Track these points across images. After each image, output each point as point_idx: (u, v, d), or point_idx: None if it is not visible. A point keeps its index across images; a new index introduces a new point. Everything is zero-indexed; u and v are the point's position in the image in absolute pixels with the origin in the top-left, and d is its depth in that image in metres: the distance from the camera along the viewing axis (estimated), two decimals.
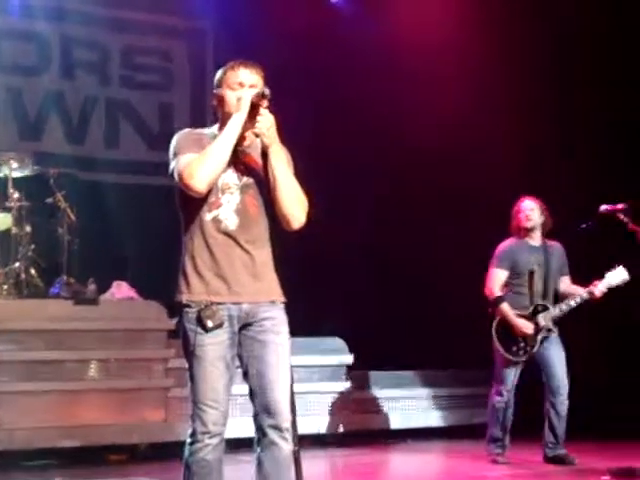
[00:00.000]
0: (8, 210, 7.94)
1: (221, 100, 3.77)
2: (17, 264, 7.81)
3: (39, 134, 9.75)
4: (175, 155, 3.72)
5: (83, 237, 8.38)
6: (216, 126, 3.83)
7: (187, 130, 3.84)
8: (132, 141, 10.17)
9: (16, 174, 8.06)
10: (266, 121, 3.65)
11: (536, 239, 6.76)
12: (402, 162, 9.59)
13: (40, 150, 9.31)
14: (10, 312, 7.04)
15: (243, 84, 3.72)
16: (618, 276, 6.52)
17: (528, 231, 6.72)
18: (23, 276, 7.78)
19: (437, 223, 9.37)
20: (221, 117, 3.79)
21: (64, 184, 8.39)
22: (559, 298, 6.74)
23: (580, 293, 6.63)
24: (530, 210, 6.70)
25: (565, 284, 6.80)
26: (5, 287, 7.59)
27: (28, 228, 8.00)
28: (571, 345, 6.74)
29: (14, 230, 7.89)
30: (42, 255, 8.18)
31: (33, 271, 7.96)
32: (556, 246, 6.83)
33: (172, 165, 3.72)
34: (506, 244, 6.79)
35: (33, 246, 8.04)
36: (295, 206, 3.72)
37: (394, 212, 9.65)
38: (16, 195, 7.94)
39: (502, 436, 6.77)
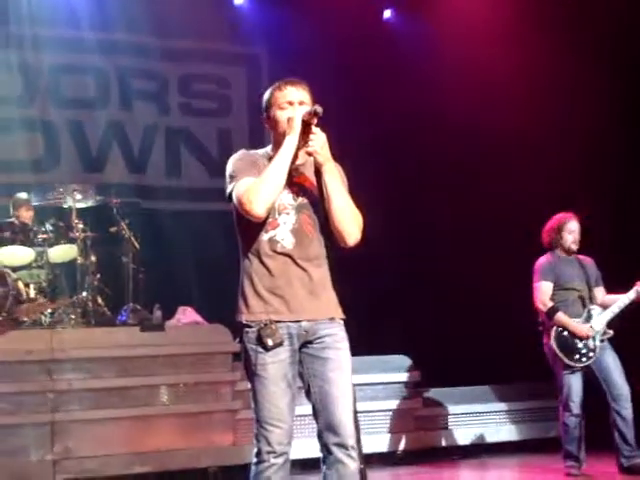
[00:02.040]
0: (73, 241, 8.09)
1: (272, 121, 3.79)
2: (84, 293, 7.94)
3: (102, 165, 9.93)
4: (232, 178, 3.74)
5: (147, 264, 8.50)
6: (270, 146, 3.85)
7: (242, 152, 3.86)
8: (192, 168, 10.30)
9: (80, 205, 8.22)
10: (319, 139, 3.65)
11: (571, 254, 6.84)
12: (459, 177, 9.58)
13: (103, 181, 9.47)
14: (79, 341, 7.12)
15: (292, 102, 3.74)
16: None
17: (570, 252, 6.79)
18: (90, 305, 7.91)
19: (499, 237, 9.28)
20: (274, 138, 3.81)
21: (127, 213, 8.54)
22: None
23: (626, 295, 6.67)
24: (578, 233, 6.80)
25: (601, 295, 6.83)
26: (73, 316, 7.71)
27: (93, 258, 8.14)
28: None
29: (80, 260, 8.03)
30: (108, 284, 8.32)
31: (100, 300, 8.09)
32: (587, 259, 6.91)
33: (229, 188, 3.75)
34: (545, 258, 6.87)
35: (99, 275, 8.18)
36: (350, 223, 3.72)
37: (457, 225, 9.59)
38: (81, 226, 8.09)
39: (577, 451, 6.67)
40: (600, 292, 6.83)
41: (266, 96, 3.83)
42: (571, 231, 6.79)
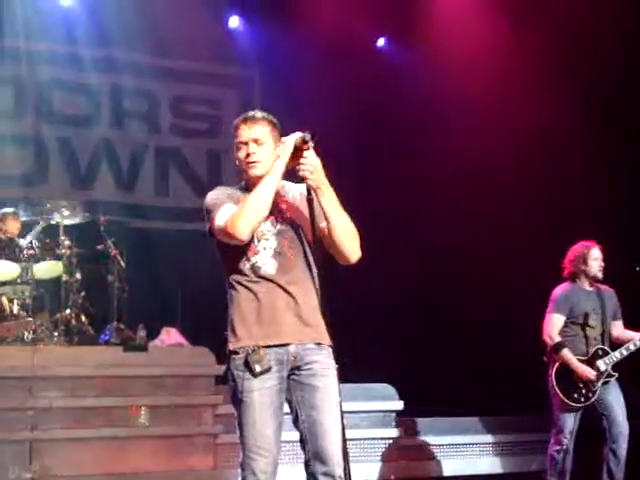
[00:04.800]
0: (59, 257, 8.03)
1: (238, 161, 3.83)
2: (67, 311, 7.89)
3: (90, 183, 9.92)
4: (210, 212, 3.73)
5: (133, 284, 8.45)
6: (244, 182, 3.86)
7: (218, 188, 3.88)
8: (181, 188, 10.29)
9: (67, 222, 8.16)
10: (311, 164, 3.65)
11: (590, 284, 6.69)
12: (458, 200, 9.58)
13: (91, 198, 9.44)
14: (60, 359, 7.06)
15: (246, 142, 3.76)
16: None
17: (595, 280, 6.65)
18: (73, 323, 7.85)
19: (489, 265, 9.29)
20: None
21: (114, 231, 8.50)
22: (613, 343, 6.62)
23: (639, 337, 6.54)
24: (602, 260, 6.64)
25: (618, 329, 6.68)
26: (56, 334, 7.64)
27: (78, 275, 8.08)
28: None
29: (65, 277, 7.97)
30: (92, 302, 8.26)
31: (83, 318, 8.03)
32: (609, 290, 6.73)
33: (208, 223, 3.74)
34: (563, 289, 6.67)
35: (83, 293, 8.12)
36: (350, 241, 3.74)
37: (445, 255, 9.59)
38: (67, 242, 8.03)
39: None
40: (618, 326, 6.66)
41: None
42: (596, 258, 6.58)
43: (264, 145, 3.74)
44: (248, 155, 3.75)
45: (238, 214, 3.59)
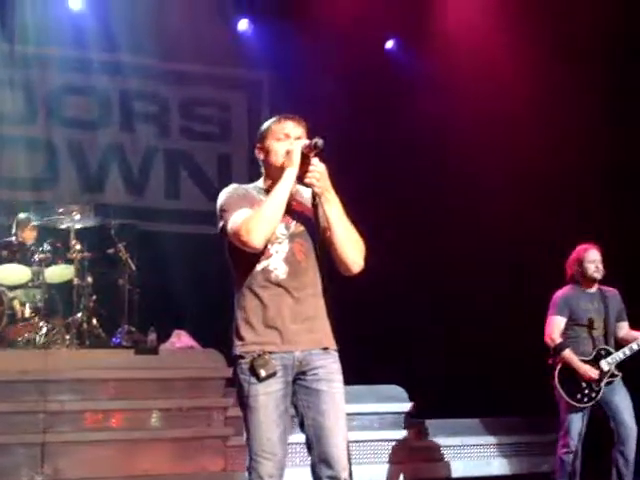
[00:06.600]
0: (70, 261, 8.09)
1: (267, 152, 3.79)
2: (79, 314, 7.95)
3: (100, 186, 9.97)
4: (224, 212, 3.73)
5: (144, 287, 8.49)
6: (261, 180, 3.87)
7: (232, 186, 3.86)
8: (191, 191, 10.32)
9: (78, 225, 8.21)
10: (317, 171, 3.66)
11: (593, 286, 6.70)
12: (465, 211, 9.60)
13: (102, 202, 9.49)
14: (73, 362, 7.12)
15: (289, 135, 3.75)
16: None
17: (593, 281, 6.66)
18: (85, 326, 7.91)
19: (498, 267, 9.30)
20: (267, 170, 3.83)
21: (125, 235, 8.55)
22: (618, 344, 6.63)
23: None
24: (600, 262, 6.64)
25: (624, 330, 6.69)
26: (68, 337, 7.70)
27: (90, 279, 8.14)
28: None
29: (76, 281, 8.03)
30: (103, 305, 8.31)
31: (95, 321, 8.08)
32: (612, 292, 6.73)
33: (221, 222, 3.74)
34: (563, 291, 6.70)
35: (94, 296, 8.17)
36: (352, 251, 3.72)
37: (453, 255, 9.61)
38: (78, 246, 8.09)
39: None
40: (622, 327, 6.66)
41: (263, 128, 3.84)
42: (592, 260, 6.59)
43: None
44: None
45: (253, 223, 3.59)
